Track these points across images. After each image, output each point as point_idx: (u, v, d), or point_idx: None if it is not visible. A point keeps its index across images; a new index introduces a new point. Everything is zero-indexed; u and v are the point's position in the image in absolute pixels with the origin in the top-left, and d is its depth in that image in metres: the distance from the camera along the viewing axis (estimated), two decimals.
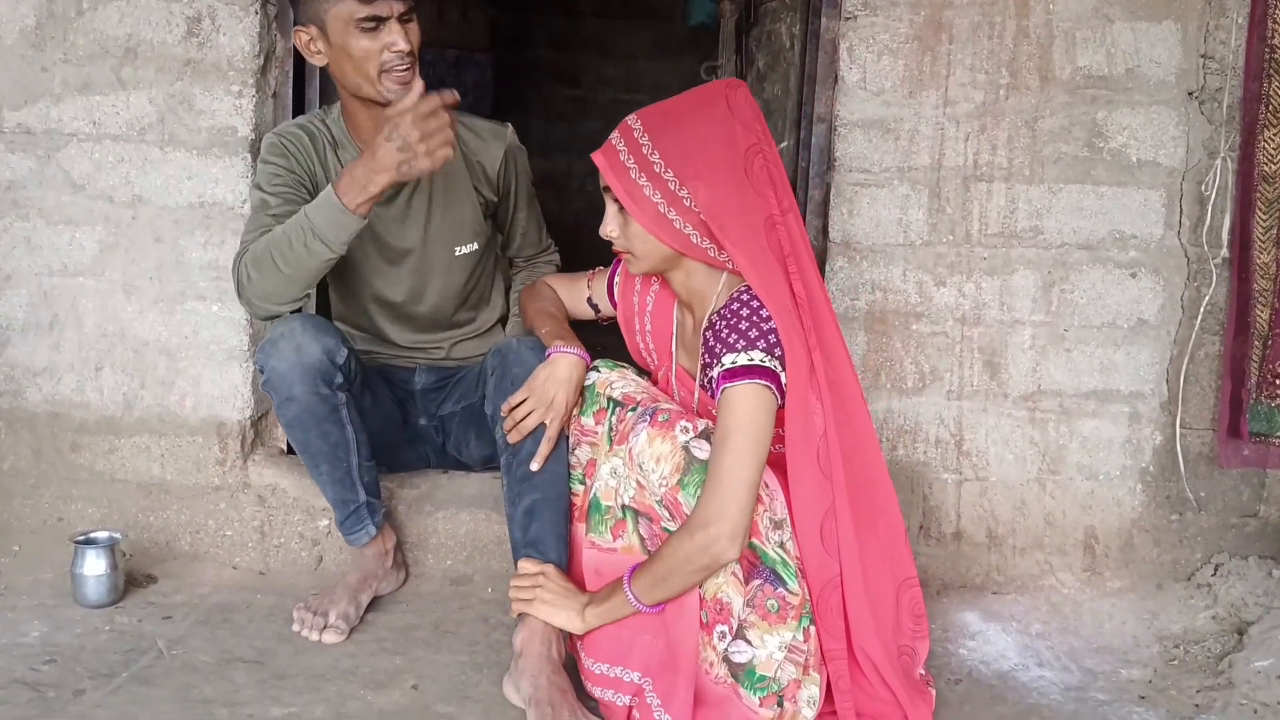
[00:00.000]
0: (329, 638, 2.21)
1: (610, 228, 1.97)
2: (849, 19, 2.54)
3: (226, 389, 2.59)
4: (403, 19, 2.21)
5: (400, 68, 2.21)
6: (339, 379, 2.22)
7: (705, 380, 1.95)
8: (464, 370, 2.57)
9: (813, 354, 1.86)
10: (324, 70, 2.69)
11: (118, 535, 2.39)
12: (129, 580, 2.42)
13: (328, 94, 2.72)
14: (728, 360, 1.84)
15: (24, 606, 2.31)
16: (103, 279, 2.59)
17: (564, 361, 2.08)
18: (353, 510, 2.32)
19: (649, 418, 1.92)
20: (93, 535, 2.38)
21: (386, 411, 2.46)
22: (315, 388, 2.19)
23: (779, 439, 1.89)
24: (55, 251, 2.58)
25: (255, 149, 2.55)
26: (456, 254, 2.46)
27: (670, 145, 1.88)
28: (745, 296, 1.89)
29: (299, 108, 2.65)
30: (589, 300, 2.31)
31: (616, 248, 2.00)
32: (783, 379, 1.84)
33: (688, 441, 1.87)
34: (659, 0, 6.64)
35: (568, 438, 2.13)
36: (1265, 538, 2.68)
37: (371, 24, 2.19)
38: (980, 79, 2.55)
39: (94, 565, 2.31)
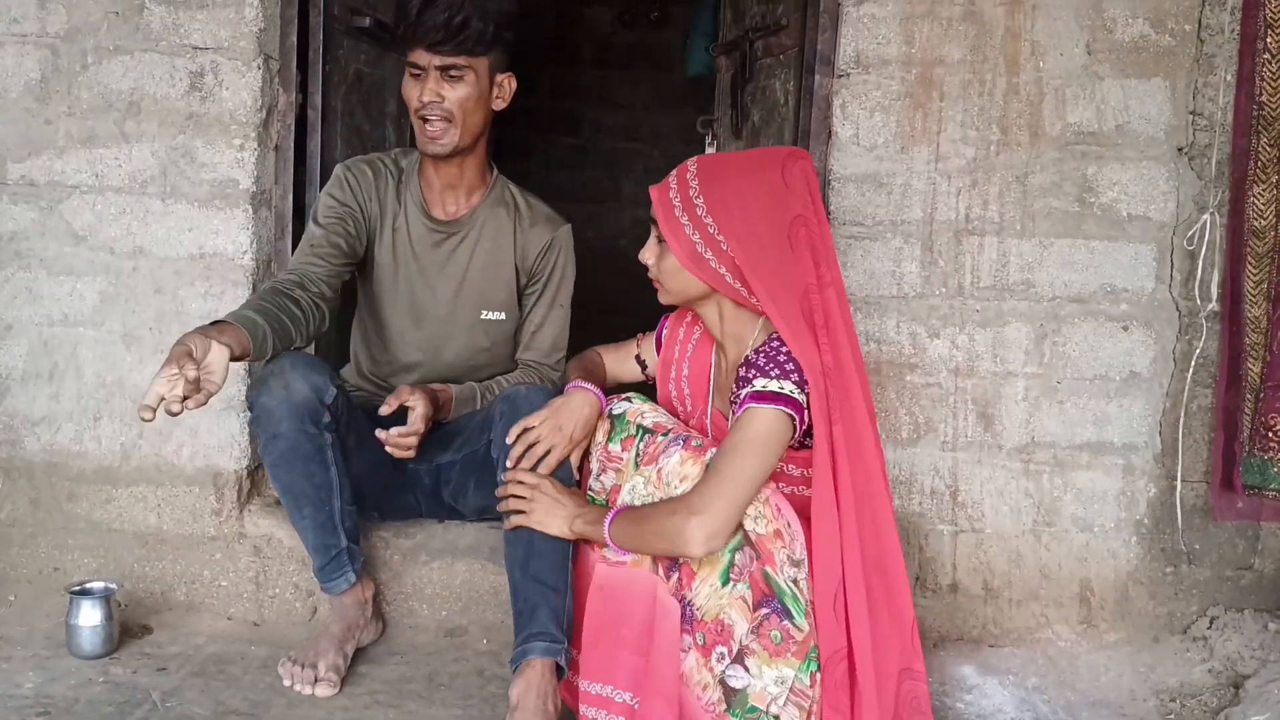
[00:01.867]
0: (322, 691, 2.20)
1: (647, 254, 2.09)
2: (842, 76, 2.58)
3: (224, 439, 2.60)
4: (447, 75, 2.30)
5: (429, 121, 2.33)
6: (326, 418, 2.23)
7: (733, 409, 1.99)
8: (457, 421, 2.57)
9: (833, 427, 1.90)
10: (326, 125, 2.75)
11: (113, 586, 2.39)
12: (124, 631, 2.41)
13: (329, 148, 2.76)
14: (759, 384, 1.91)
15: (19, 657, 2.31)
16: (103, 329, 2.60)
17: (580, 395, 2.15)
18: (334, 555, 2.32)
19: (683, 442, 1.98)
20: (88, 586, 2.38)
21: (374, 454, 2.44)
22: (302, 426, 2.20)
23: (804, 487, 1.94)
24: (56, 302, 2.60)
25: (257, 201, 2.58)
26: (481, 317, 2.51)
27: (716, 196, 1.96)
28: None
29: (300, 161, 2.68)
30: (638, 358, 2.38)
31: (650, 275, 2.10)
32: (806, 416, 1.90)
33: None
34: (658, 51, 6.72)
35: (577, 479, 2.17)
36: (1261, 590, 2.68)
37: (415, 71, 2.32)
38: (971, 135, 2.58)
39: (89, 616, 2.31)
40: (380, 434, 2.29)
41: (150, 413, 1.82)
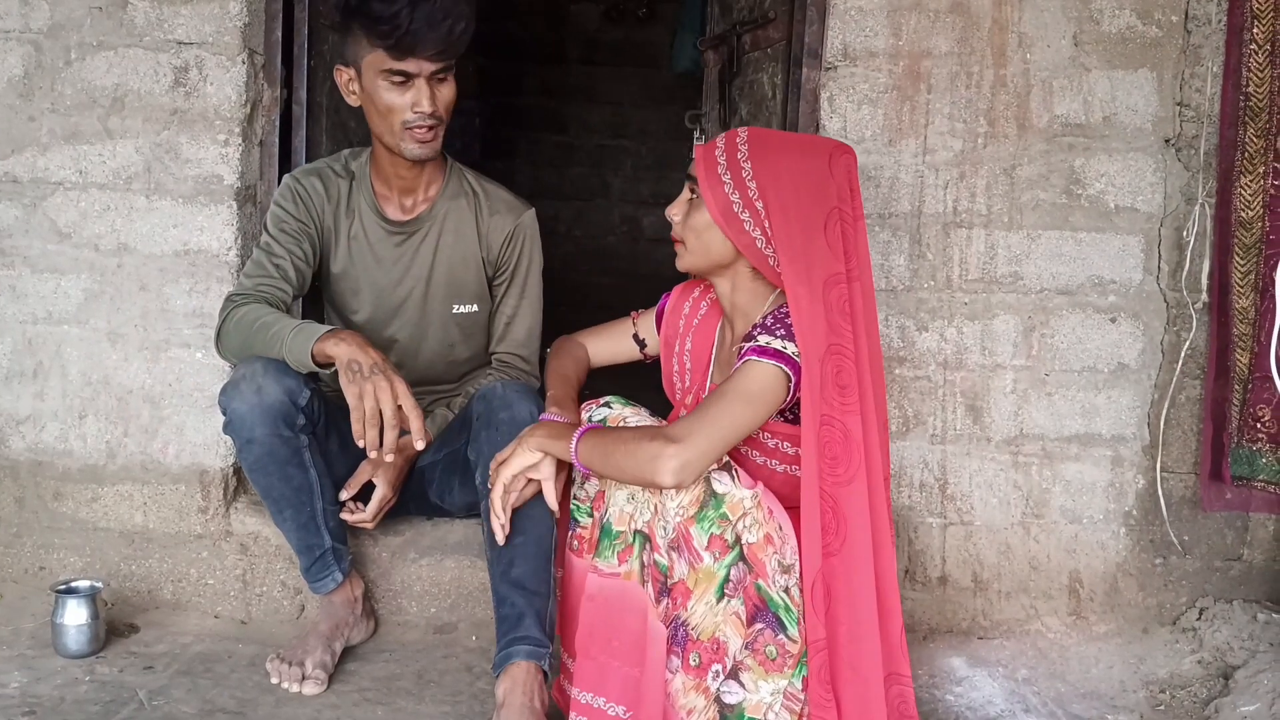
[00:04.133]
0: (309, 689, 2.18)
1: (675, 210, 2.06)
2: (829, 69, 2.57)
3: (209, 436, 2.59)
4: (435, 78, 2.26)
5: (420, 127, 2.27)
6: (301, 420, 2.21)
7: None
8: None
9: (826, 424, 1.87)
10: (311, 120, 2.73)
11: (99, 584, 2.38)
12: (110, 630, 2.40)
13: (314, 144, 2.75)
14: (763, 340, 1.91)
15: (4, 657, 2.29)
16: (87, 327, 2.59)
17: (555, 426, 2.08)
18: (318, 556, 2.31)
19: None
20: (74, 584, 2.37)
21: (357, 455, 2.43)
22: (277, 429, 2.18)
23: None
24: (40, 299, 2.59)
25: (241, 197, 2.57)
26: (454, 312, 2.48)
27: (764, 163, 1.95)
28: None
29: (285, 156, 2.67)
30: (635, 336, 2.33)
31: (674, 234, 2.08)
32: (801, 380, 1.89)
33: (710, 471, 1.88)
34: (645, 48, 6.71)
35: (557, 515, 2.14)
36: (1250, 581, 2.68)
37: (400, 79, 2.24)
38: (959, 128, 2.58)
39: (75, 615, 2.30)
40: (345, 502, 2.35)
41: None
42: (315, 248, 2.39)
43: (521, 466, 2.03)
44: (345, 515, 2.36)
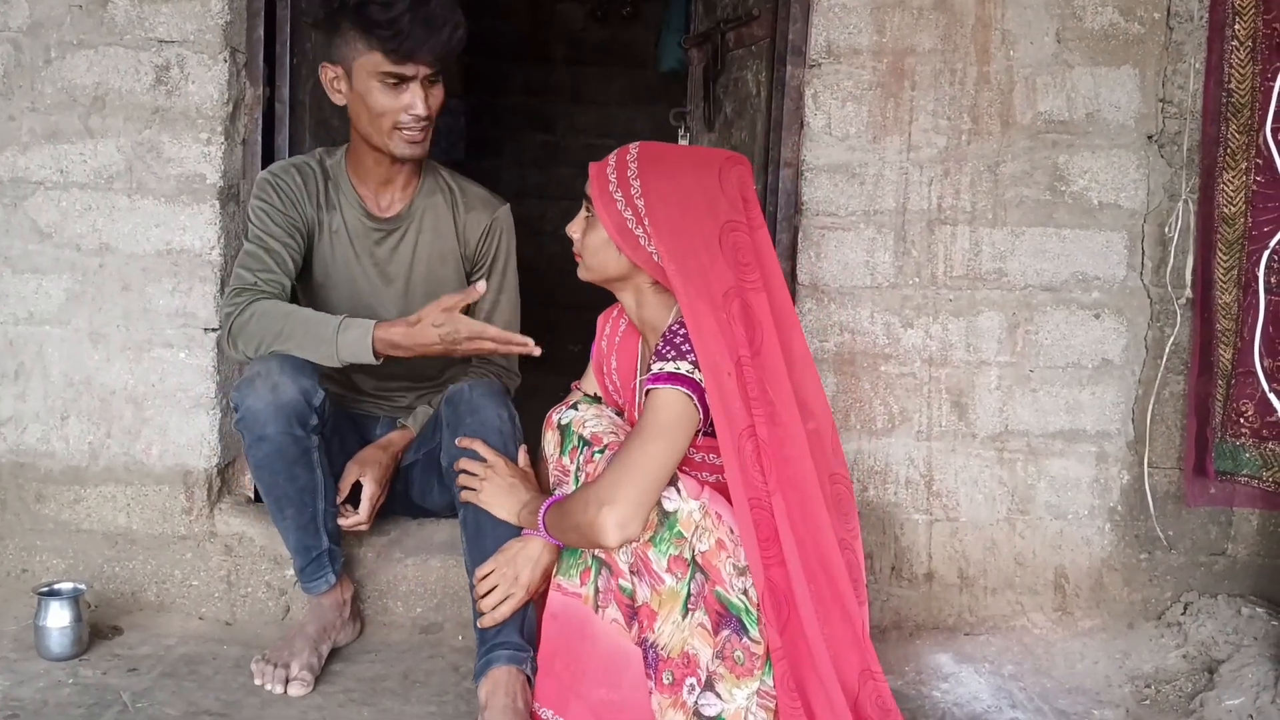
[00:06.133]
0: (295, 690, 2.17)
1: (574, 228, 2.08)
2: (813, 66, 2.57)
3: (193, 437, 2.58)
4: (428, 81, 2.26)
5: (413, 128, 2.28)
6: (314, 420, 2.21)
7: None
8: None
9: (747, 437, 1.85)
10: (294, 118, 2.72)
11: (82, 587, 2.36)
12: (94, 632, 2.38)
13: (297, 142, 2.74)
14: (655, 367, 1.90)
15: None
16: (69, 327, 2.57)
17: (536, 543, 2.08)
18: (314, 557, 2.30)
19: None
20: (57, 587, 2.35)
21: (350, 458, 2.44)
22: (289, 428, 2.17)
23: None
24: (21, 300, 2.57)
25: (224, 196, 2.55)
26: None
27: (652, 181, 1.94)
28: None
29: (268, 155, 2.66)
30: (586, 396, 2.30)
31: (574, 249, 2.09)
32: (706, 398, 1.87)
33: None
34: (631, 47, 6.71)
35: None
36: (1234, 576, 2.69)
37: (394, 81, 2.24)
38: (943, 124, 2.58)
39: (58, 617, 2.28)
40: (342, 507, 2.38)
41: None
42: (304, 239, 2.39)
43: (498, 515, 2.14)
44: (340, 520, 2.35)
